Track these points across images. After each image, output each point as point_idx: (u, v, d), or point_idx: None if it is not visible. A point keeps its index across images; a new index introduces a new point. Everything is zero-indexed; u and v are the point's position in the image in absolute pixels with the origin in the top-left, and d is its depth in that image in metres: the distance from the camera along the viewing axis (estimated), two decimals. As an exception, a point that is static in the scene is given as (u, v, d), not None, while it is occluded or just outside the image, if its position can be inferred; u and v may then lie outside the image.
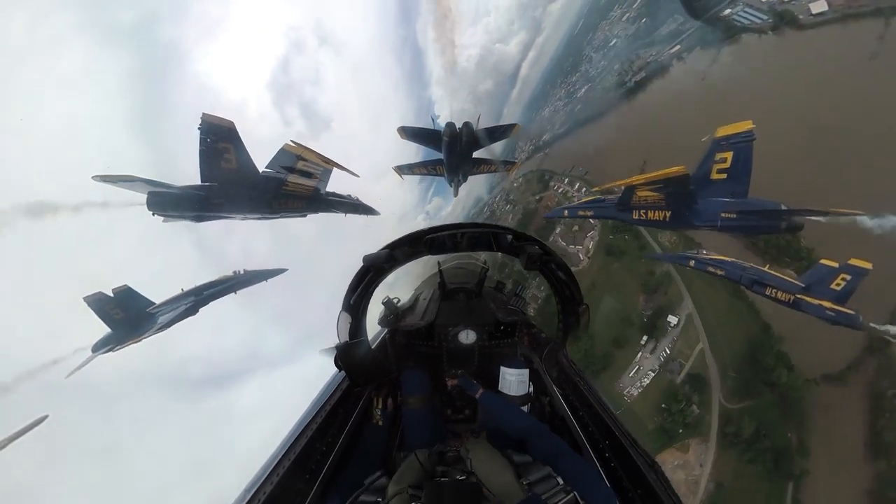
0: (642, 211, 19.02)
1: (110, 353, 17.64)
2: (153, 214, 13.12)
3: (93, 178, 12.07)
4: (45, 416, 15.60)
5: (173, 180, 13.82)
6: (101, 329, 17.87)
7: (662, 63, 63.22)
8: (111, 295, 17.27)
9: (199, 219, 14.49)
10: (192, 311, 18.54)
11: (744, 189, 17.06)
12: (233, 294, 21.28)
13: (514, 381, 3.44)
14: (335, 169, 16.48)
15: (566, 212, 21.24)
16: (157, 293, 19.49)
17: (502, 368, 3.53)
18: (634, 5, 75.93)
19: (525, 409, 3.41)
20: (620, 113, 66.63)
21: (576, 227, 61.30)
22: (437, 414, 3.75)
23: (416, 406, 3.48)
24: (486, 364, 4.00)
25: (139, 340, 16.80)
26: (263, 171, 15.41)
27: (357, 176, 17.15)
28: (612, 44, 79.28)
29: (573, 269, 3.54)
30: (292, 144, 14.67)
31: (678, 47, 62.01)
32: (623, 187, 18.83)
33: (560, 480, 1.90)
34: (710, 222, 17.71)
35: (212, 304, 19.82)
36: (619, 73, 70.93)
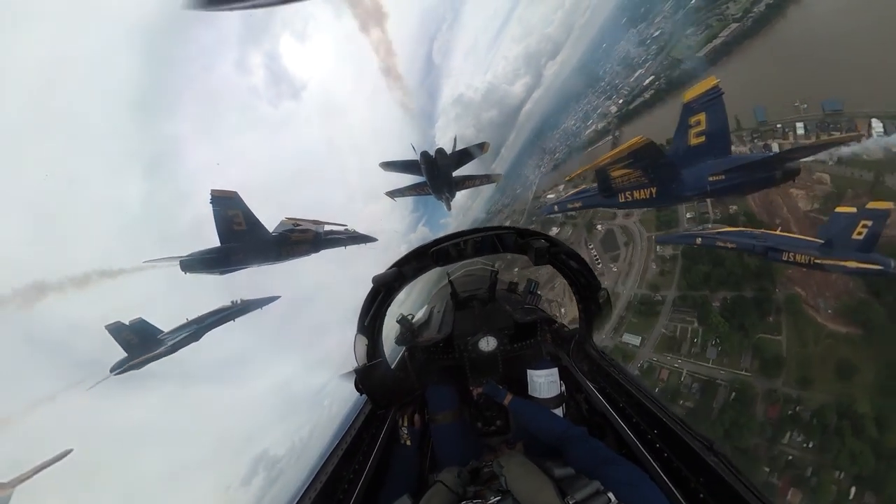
0: (627, 193, 18.35)
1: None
2: (185, 273, 17.09)
3: (143, 262, 16.41)
4: (70, 450, 17.69)
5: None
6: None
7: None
8: (127, 324, 20.49)
9: (223, 272, 18.21)
10: (195, 337, 21.51)
11: (725, 146, 15.83)
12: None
13: (543, 382, 3.28)
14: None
15: (556, 207, 21.23)
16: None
17: (529, 371, 3.40)
18: (667, 5, 76.76)
19: (560, 410, 3.24)
20: (758, 47, 60.68)
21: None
22: (468, 428, 3.56)
23: (446, 422, 3.34)
24: (513, 369, 3.86)
25: (154, 358, 20.24)
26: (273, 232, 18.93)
27: (345, 226, 20.02)
28: (656, 35, 78.40)
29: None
30: (287, 220, 18.14)
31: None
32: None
33: (612, 497, 1.63)
34: (699, 189, 16.52)
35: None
36: (705, 31, 68.35)
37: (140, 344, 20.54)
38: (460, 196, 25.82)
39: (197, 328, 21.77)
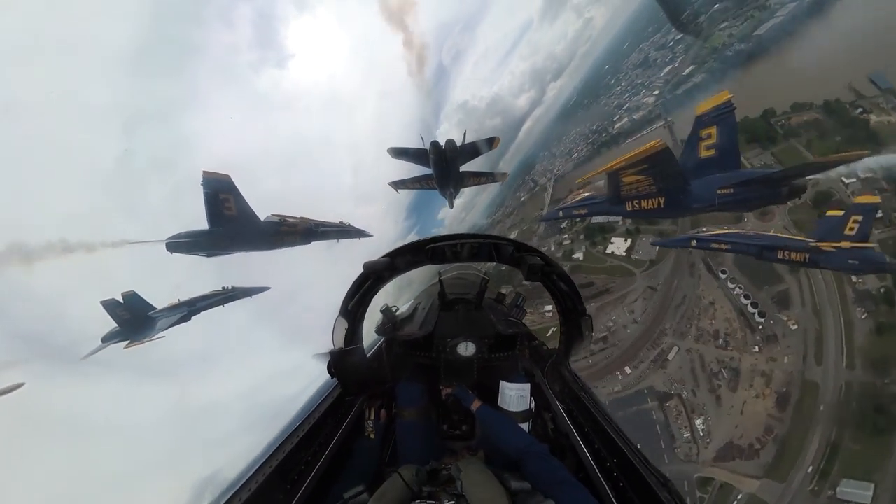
0: (635, 201, 18.19)
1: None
2: (171, 253, 16.00)
3: (130, 243, 15.34)
4: (22, 384, 17.24)
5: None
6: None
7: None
8: (121, 300, 19.99)
9: (210, 255, 17.13)
10: (185, 318, 20.80)
11: (735, 161, 15.92)
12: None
13: (514, 395, 3.29)
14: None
15: (561, 213, 20.99)
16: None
17: (502, 383, 3.41)
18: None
19: (526, 426, 3.26)
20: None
21: None
22: (432, 428, 3.59)
23: (412, 418, 3.35)
24: (486, 378, 3.88)
25: (143, 342, 19.51)
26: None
27: (339, 223, 19.56)
28: (679, 37, 78.58)
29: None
30: (274, 217, 18.00)
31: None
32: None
33: None
34: (707, 202, 16.50)
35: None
36: (746, 21, 66.85)
37: (131, 320, 19.68)
38: (454, 206, 25.46)
39: (188, 310, 20.84)
